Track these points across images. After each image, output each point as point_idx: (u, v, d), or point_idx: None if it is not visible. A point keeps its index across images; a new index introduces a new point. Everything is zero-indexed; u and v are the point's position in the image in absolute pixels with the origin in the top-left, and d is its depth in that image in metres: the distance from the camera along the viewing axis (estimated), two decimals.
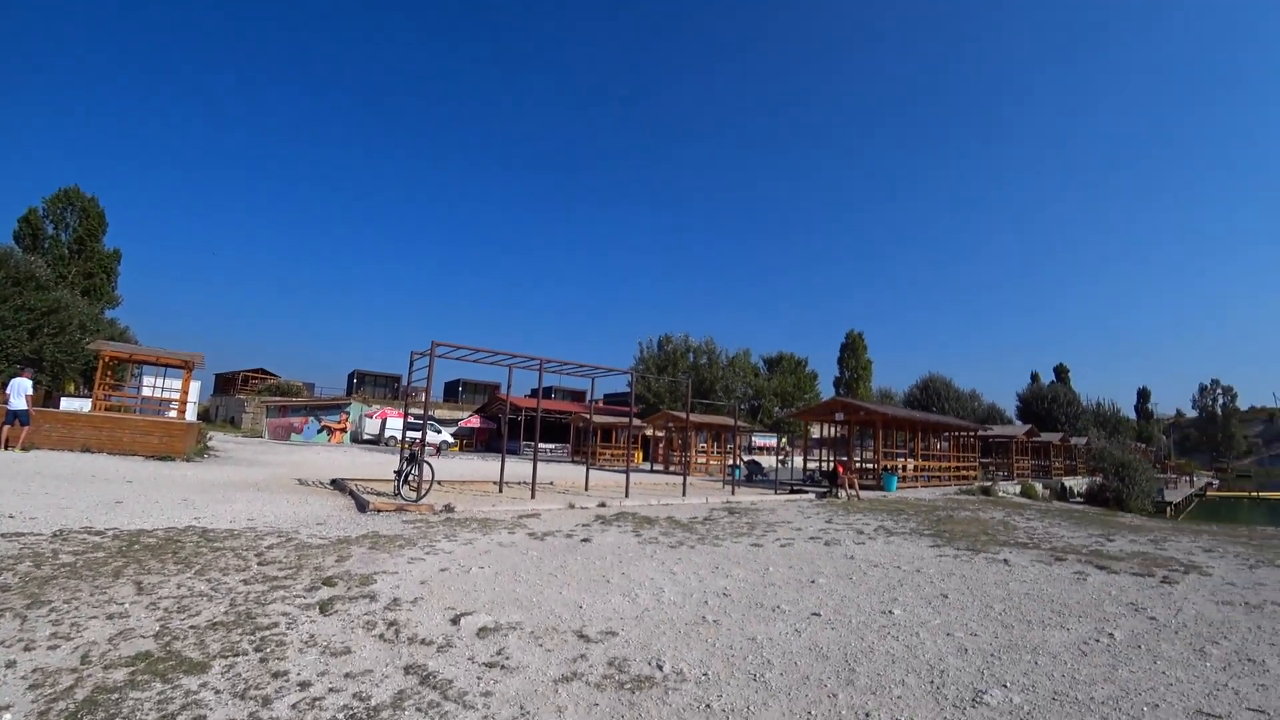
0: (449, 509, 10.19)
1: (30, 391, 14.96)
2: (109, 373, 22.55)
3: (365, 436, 42.25)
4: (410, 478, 11.62)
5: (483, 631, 4.52)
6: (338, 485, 13.07)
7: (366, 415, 42.98)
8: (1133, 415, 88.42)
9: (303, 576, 5.71)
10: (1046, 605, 6.00)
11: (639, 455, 42.47)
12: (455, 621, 4.70)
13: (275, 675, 3.56)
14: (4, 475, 11.44)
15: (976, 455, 34.07)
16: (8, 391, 15.02)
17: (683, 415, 31.27)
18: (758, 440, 54.36)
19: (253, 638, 4.11)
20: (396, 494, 11.31)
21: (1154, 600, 6.38)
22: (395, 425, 40.53)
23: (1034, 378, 75.81)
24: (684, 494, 15.90)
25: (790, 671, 4.07)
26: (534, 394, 57.94)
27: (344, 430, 41.55)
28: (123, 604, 4.67)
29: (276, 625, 4.39)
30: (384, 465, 20.79)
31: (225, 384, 57.21)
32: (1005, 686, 3.90)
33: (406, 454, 11.97)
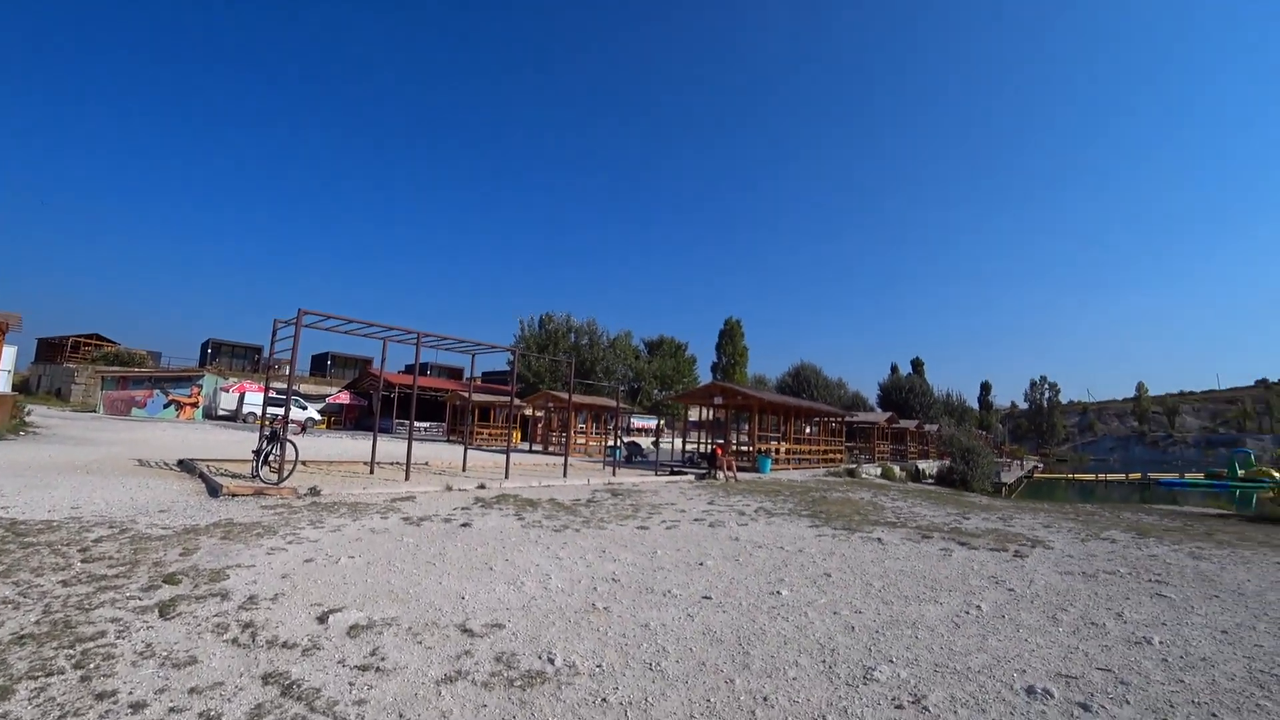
0: (314, 492, 9.44)
1: None
2: None
3: (221, 412, 38.98)
4: (271, 458, 10.69)
5: (354, 630, 4.12)
6: (186, 467, 11.83)
7: (222, 389, 39.58)
8: (976, 406, 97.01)
9: (138, 574, 5.02)
10: (919, 581, 6.30)
11: (517, 435, 41.78)
12: (322, 620, 4.27)
13: (100, 697, 3.03)
14: None
15: (843, 440, 36.09)
16: None
17: (564, 395, 31.01)
18: (637, 422, 54.96)
19: (72, 652, 3.51)
20: (255, 476, 10.36)
21: (1010, 573, 6.88)
22: (255, 400, 37.59)
23: (893, 369, 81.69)
24: (565, 475, 15.68)
25: (686, 658, 3.99)
26: (409, 370, 55.66)
27: (195, 405, 38.07)
28: None
29: (104, 634, 3.79)
30: (242, 444, 19.18)
31: (50, 350, 50.80)
32: (892, 662, 4.03)
33: (267, 432, 10.99)
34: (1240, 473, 40.07)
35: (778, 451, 26.51)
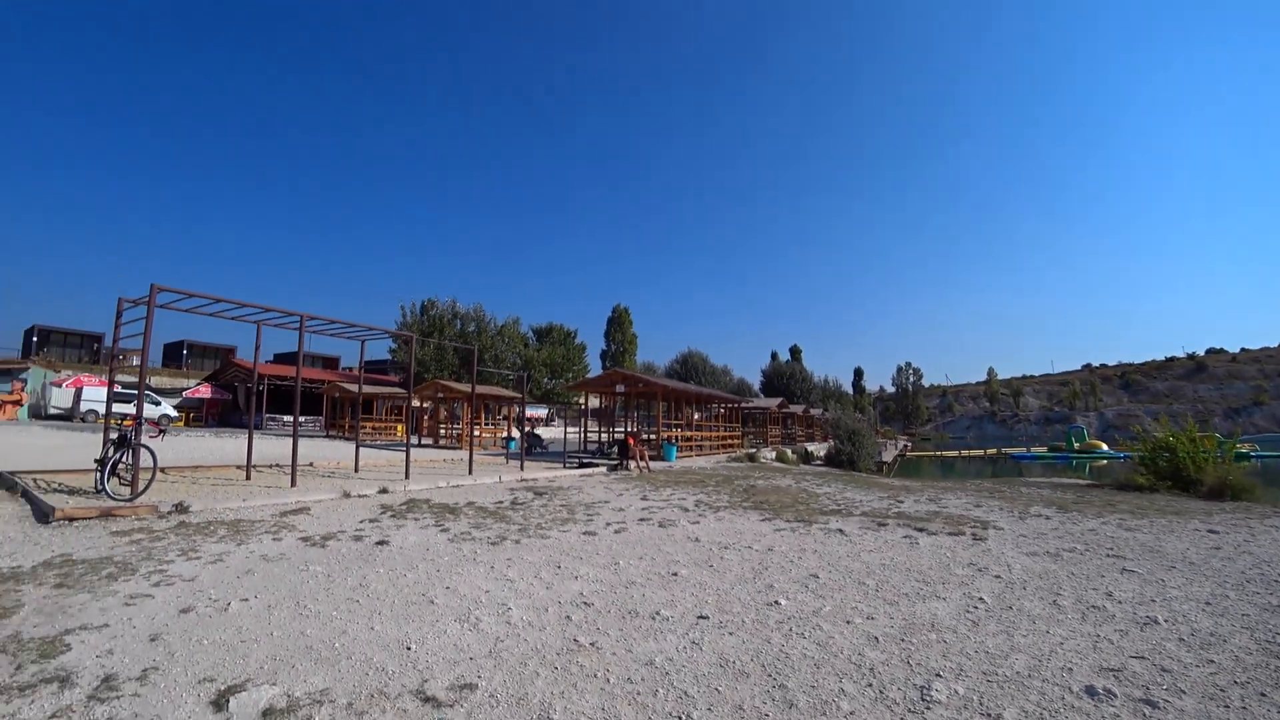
0: (182, 508, 7.74)
1: None
2: None
3: (53, 410, 34.03)
4: (121, 467, 8.79)
5: (270, 717, 2.94)
6: (4, 483, 9.61)
7: (54, 383, 34.53)
8: (850, 390, 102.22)
9: None
10: (907, 575, 5.89)
11: (400, 429, 39.32)
12: (220, 705, 3.05)
13: None
14: None
15: (739, 425, 36.41)
16: None
17: (455, 385, 29.23)
18: (527, 411, 53.37)
19: None
20: (100, 490, 8.48)
21: (981, 558, 6.66)
22: (95, 396, 33.10)
23: (773, 356, 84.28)
24: (471, 472, 14.37)
25: (718, 704, 3.22)
26: (277, 359, 51.21)
27: (19, 404, 32.98)
28: None
29: None
30: (82, 448, 16.39)
31: None
32: (940, 676, 3.62)
33: (114, 435, 9.03)
34: (1076, 445, 45.95)
35: (681, 439, 26.14)
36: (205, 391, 40.43)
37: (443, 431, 32.38)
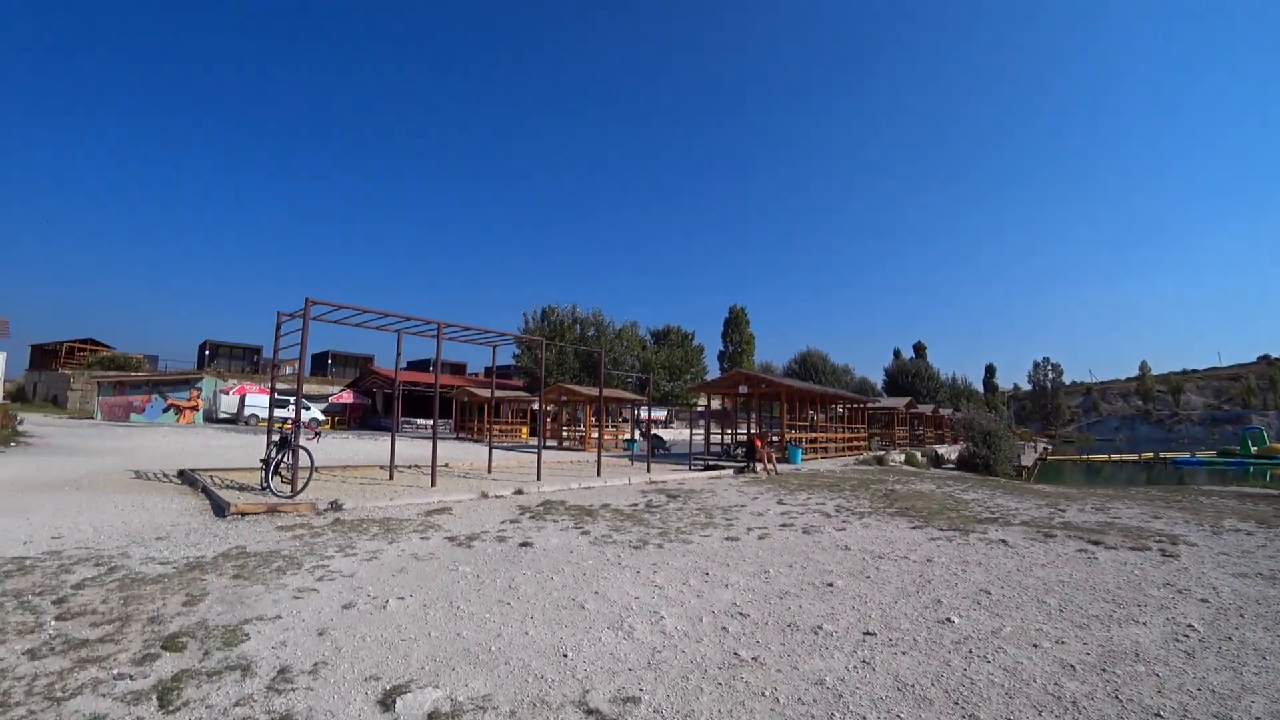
0: (336, 506, 8.17)
1: None
2: None
3: (221, 415, 37.72)
4: (282, 467, 9.42)
5: None
6: (188, 479, 10.56)
7: (222, 391, 38.30)
8: (981, 389, 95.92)
9: (130, 637, 3.76)
10: (1093, 595, 5.23)
11: (525, 431, 40.56)
12: (387, 705, 3.02)
13: None
14: None
15: (865, 427, 34.89)
16: None
17: (580, 389, 29.78)
18: (646, 413, 53.68)
19: None
20: (265, 488, 9.11)
21: (1178, 577, 5.87)
22: (256, 402, 36.37)
23: (896, 354, 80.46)
24: (600, 474, 14.44)
25: None
26: (411, 366, 54.32)
27: (195, 409, 36.76)
28: None
29: None
30: (247, 449, 17.95)
31: (45, 357, 49.36)
32: (1159, 717, 3.09)
33: (276, 438, 9.70)
34: (1253, 449, 39.01)
35: (808, 441, 25.31)
36: (348, 397, 43.39)
37: (565, 434, 33.07)
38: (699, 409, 55.58)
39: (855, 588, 5.26)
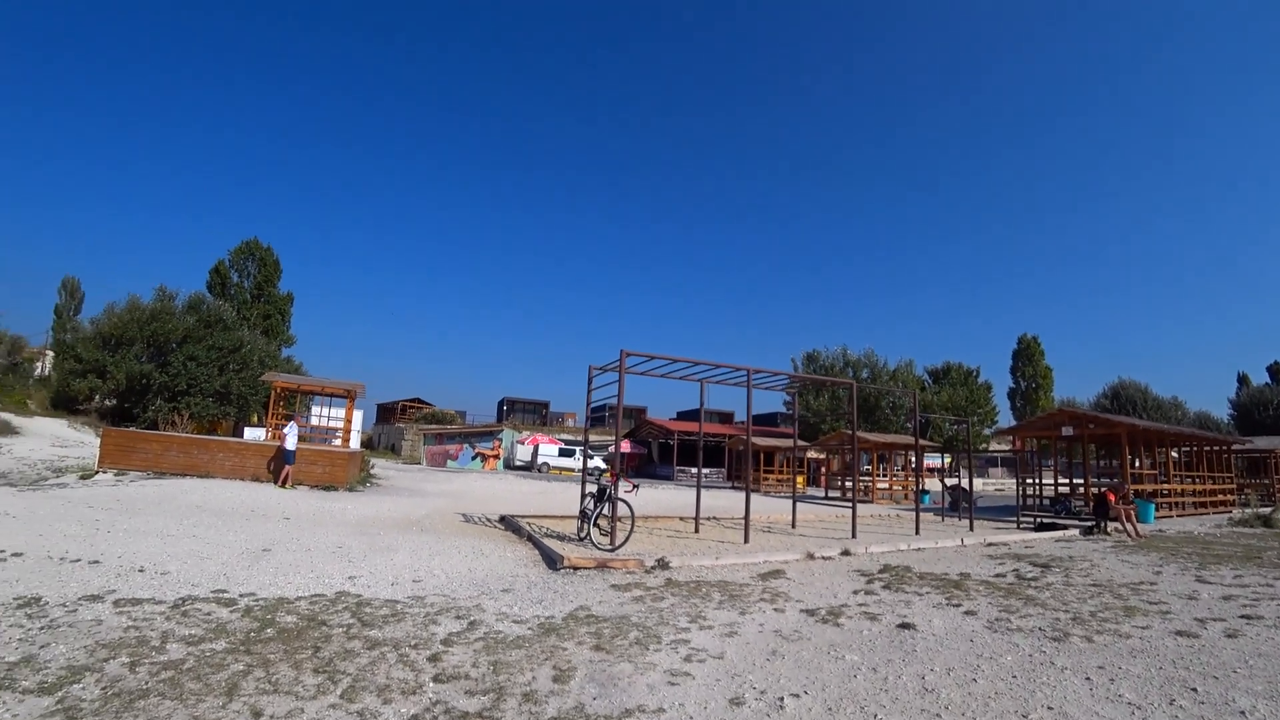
0: (663, 564, 7.57)
1: (299, 433, 15.93)
2: (280, 403, 22.70)
3: (517, 462, 41.55)
4: (600, 519, 9.18)
5: None
6: (510, 525, 10.93)
7: (518, 441, 42.33)
8: None
9: (507, 713, 3.24)
10: None
11: (801, 480, 38.79)
12: None
13: None
14: (167, 510, 10.27)
15: (1232, 474, 27.63)
16: (284, 431, 15.59)
17: (865, 435, 27.57)
18: (927, 460, 48.78)
19: None
20: (583, 538, 8.96)
21: None
22: (547, 451, 39.54)
23: (1242, 380, 62.66)
24: (918, 532, 12.56)
25: None
26: (681, 416, 55.50)
27: (497, 457, 40.97)
28: None
29: None
30: (547, 495, 18.92)
31: (386, 413, 59.17)
32: None
33: (592, 488, 9.55)
34: None
35: (1161, 493, 20.46)
36: (625, 447, 45.39)
37: (844, 484, 30.87)
38: (982, 455, 49.20)
39: None
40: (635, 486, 9.81)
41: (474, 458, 40.67)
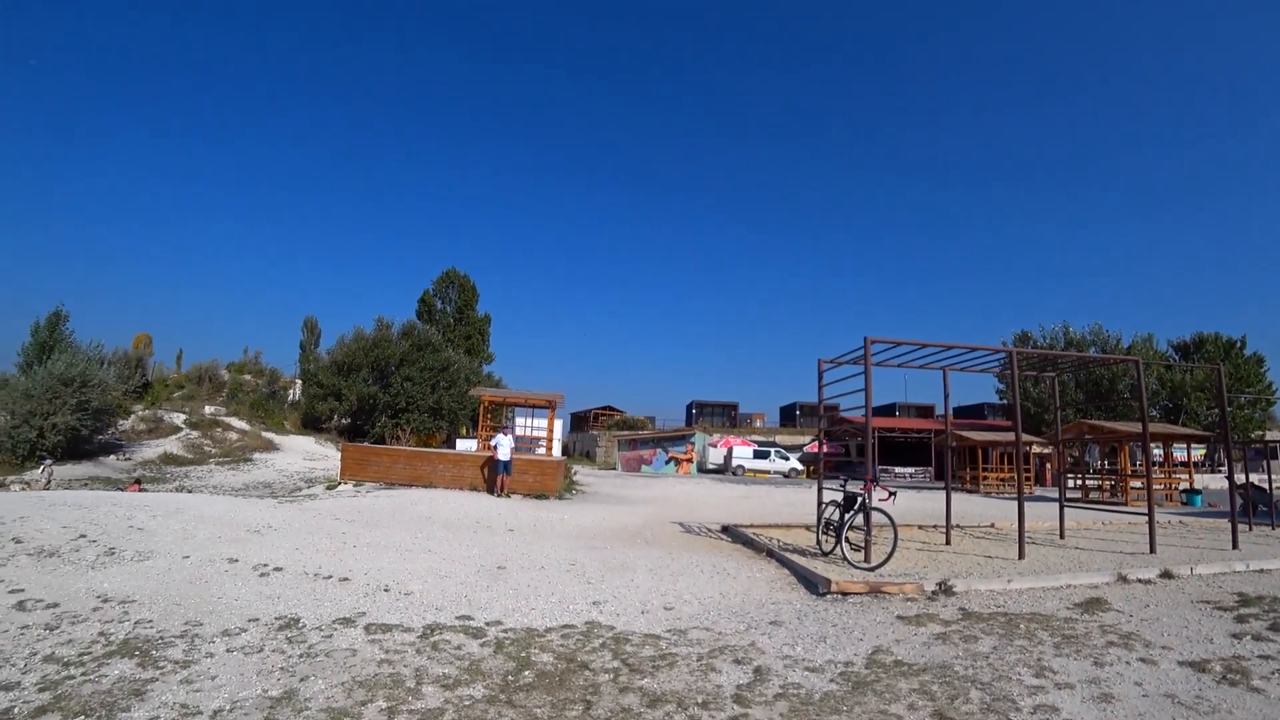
0: (947, 589, 6.33)
1: (513, 446, 16.31)
2: (488, 416, 24.10)
3: (710, 466, 41.06)
4: (848, 534, 8.01)
5: None
6: (735, 536, 10.14)
7: (710, 444, 41.85)
8: None
9: None
10: None
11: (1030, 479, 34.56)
12: None
13: None
14: (401, 521, 10.70)
15: None
16: (493, 443, 16.10)
17: (1115, 426, 23.80)
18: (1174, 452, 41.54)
19: None
20: (828, 553, 7.93)
21: None
22: (741, 453, 38.70)
23: None
24: (1235, 545, 10.10)
25: None
26: (877, 412, 52.16)
27: (690, 460, 40.71)
28: None
29: None
30: (751, 500, 18.07)
31: (580, 421, 61.48)
32: None
33: (839, 496, 8.43)
34: None
35: None
36: (820, 447, 43.33)
37: (1074, 483, 26.79)
38: (1255, 446, 40.75)
39: None
40: (892, 494, 8.58)
41: (668, 462, 40.72)
